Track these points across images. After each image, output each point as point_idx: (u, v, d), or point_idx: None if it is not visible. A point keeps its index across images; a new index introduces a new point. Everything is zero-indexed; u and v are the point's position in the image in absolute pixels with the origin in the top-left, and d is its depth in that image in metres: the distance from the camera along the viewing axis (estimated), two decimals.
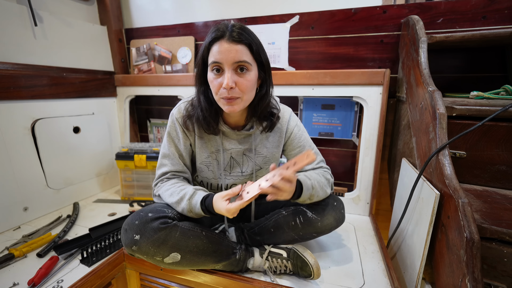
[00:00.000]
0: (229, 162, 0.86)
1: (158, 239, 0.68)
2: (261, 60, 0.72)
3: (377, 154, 1.17)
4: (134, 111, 1.69)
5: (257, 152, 0.86)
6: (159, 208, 0.74)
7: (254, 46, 0.69)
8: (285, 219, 0.83)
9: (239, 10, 1.35)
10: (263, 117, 0.81)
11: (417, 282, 0.73)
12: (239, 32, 0.67)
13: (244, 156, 0.86)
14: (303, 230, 0.82)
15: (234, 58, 0.66)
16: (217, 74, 0.69)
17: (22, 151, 1.11)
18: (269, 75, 0.76)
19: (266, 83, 0.76)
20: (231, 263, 0.79)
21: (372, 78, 1.13)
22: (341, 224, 0.85)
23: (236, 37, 0.66)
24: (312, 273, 0.77)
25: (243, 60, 0.67)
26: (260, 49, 0.72)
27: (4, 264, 0.85)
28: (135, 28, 1.57)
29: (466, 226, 0.55)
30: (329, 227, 0.83)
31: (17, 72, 1.09)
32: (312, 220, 0.81)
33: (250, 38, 0.69)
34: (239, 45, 0.67)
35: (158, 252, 0.69)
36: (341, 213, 0.85)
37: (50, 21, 1.22)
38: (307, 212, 0.82)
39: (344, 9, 1.19)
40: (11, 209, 1.08)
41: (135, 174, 1.37)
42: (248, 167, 0.86)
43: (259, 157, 0.86)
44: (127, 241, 0.69)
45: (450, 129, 0.74)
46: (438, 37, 0.95)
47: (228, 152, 0.84)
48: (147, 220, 0.69)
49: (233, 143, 0.84)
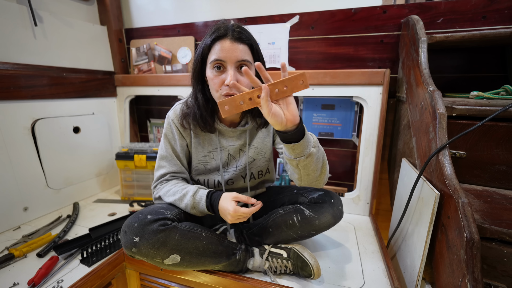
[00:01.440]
0: (226, 159, 0.87)
1: (158, 241, 0.68)
2: (259, 60, 0.75)
3: (377, 154, 1.17)
4: (134, 111, 1.69)
5: (251, 145, 0.87)
6: (158, 210, 0.73)
7: (254, 46, 0.73)
8: (282, 218, 0.83)
9: (239, 10, 1.35)
10: (257, 113, 0.83)
11: (417, 282, 0.73)
12: (240, 31, 0.71)
13: (240, 151, 0.87)
14: (301, 229, 0.82)
15: (237, 56, 0.69)
16: (218, 72, 0.71)
17: (22, 151, 1.11)
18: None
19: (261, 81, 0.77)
20: (231, 263, 0.79)
21: (372, 78, 1.13)
22: (339, 221, 0.85)
23: (238, 36, 0.70)
24: (312, 273, 0.77)
25: (245, 59, 0.70)
26: (259, 49, 0.76)
27: (4, 264, 0.85)
28: (135, 28, 1.57)
29: (466, 226, 0.55)
30: (327, 224, 0.83)
31: (17, 72, 1.09)
32: (310, 218, 0.81)
33: (250, 38, 0.73)
34: (241, 44, 0.70)
35: (158, 254, 0.69)
36: (339, 210, 0.84)
37: (50, 21, 1.22)
38: (304, 210, 0.82)
39: (344, 9, 1.19)
40: (11, 209, 1.08)
41: (135, 174, 1.37)
42: (242, 161, 0.88)
43: (252, 149, 0.88)
44: (126, 243, 0.68)
45: (450, 129, 0.74)
46: (438, 37, 0.95)
47: (226, 150, 0.86)
48: (146, 222, 0.69)
49: (230, 141, 0.85)
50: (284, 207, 0.85)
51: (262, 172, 0.92)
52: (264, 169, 0.92)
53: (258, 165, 0.90)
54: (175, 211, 0.77)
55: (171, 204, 0.79)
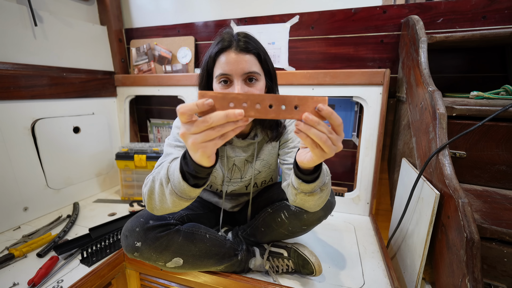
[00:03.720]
0: (231, 169, 0.84)
1: (160, 245, 0.67)
2: (268, 69, 0.70)
3: (377, 154, 1.17)
4: (134, 111, 1.69)
5: (258, 157, 0.84)
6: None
7: (262, 54, 0.67)
8: (271, 217, 0.82)
9: (239, 10, 1.35)
10: (268, 126, 0.78)
11: (417, 282, 0.73)
12: (245, 41, 0.65)
13: (246, 162, 0.84)
14: (290, 225, 0.79)
15: (243, 69, 0.63)
16: (225, 86, 0.65)
17: (22, 151, 1.11)
18: (276, 83, 0.74)
19: (273, 91, 0.74)
20: (233, 264, 0.79)
21: (372, 78, 1.13)
22: (330, 212, 0.78)
23: (243, 46, 0.64)
24: (314, 270, 0.78)
25: (252, 71, 0.64)
26: (267, 57, 0.70)
27: (4, 264, 0.85)
28: (135, 28, 1.56)
29: (466, 226, 0.55)
30: (317, 217, 0.76)
31: (17, 72, 1.09)
32: (297, 213, 0.76)
33: (257, 46, 0.67)
34: (247, 55, 0.64)
35: (160, 258, 0.69)
36: (328, 201, 0.75)
37: (50, 21, 1.22)
38: (290, 206, 0.77)
39: (344, 9, 1.19)
40: (11, 209, 1.08)
41: (135, 174, 1.37)
42: (248, 173, 0.85)
43: (258, 161, 0.84)
44: (128, 248, 0.67)
45: (450, 129, 0.74)
46: (438, 37, 0.95)
47: (231, 160, 0.82)
48: (148, 227, 0.67)
49: (237, 151, 0.82)
50: (272, 205, 0.83)
51: (265, 182, 0.90)
52: (268, 179, 0.90)
53: (263, 176, 0.88)
54: (178, 214, 0.76)
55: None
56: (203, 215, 0.90)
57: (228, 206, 0.94)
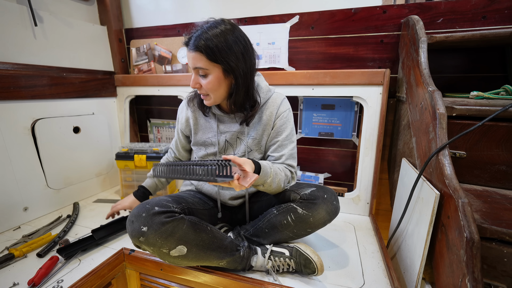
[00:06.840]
0: (223, 145, 0.91)
1: (166, 230, 0.69)
2: (226, 62, 0.75)
3: (377, 154, 1.17)
4: (134, 111, 1.69)
5: (248, 134, 0.90)
6: (165, 203, 0.74)
7: (209, 52, 0.73)
8: (277, 219, 0.83)
9: (239, 10, 1.35)
10: (242, 109, 0.86)
11: (417, 282, 0.73)
12: (196, 39, 0.74)
13: (237, 139, 0.91)
14: (296, 228, 0.82)
15: (193, 64, 0.77)
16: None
17: (22, 151, 1.11)
18: (240, 74, 0.78)
19: (238, 81, 0.79)
20: (235, 260, 0.79)
21: (372, 78, 1.13)
22: (335, 216, 0.83)
23: (191, 45, 0.75)
24: (316, 269, 0.78)
25: (198, 66, 0.76)
26: (222, 53, 0.74)
27: (4, 264, 0.85)
28: (135, 28, 1.56)
29: (466, 226, 0.55)
30: (322, 221, 0.81)
31: (17, 72, 1.09)
32: (304, 217, 0.80)
33: (207, 44, 0.73)
34: (193, 52, 0.75)
35: (165, 244, 0.70)
36: (333, 205, 0.81)
37: (50, 21, 1.22)
38: (297, 209, 0.81)
39: (344, 9, 1.19)
40: (11, 209, 1.08)
41: (135, 174, 1.37)
42: (240, 149, 0.90)
43: (249, 139, 0.90)
44: (134, 232, 0.69)
45: (450, 129, 0.74)
46: (438, 37, 0.95)
47: (223, 136, 0.91)
48: (154, 212, 0.70)
49: (227, 126, 0.90)
50: (278, 206, 0.85)
51: None
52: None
53: (257, 158, 0.91)
54: (181, 205, 0.79)
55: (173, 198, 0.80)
56: (203, 211, 0.90)
57: (228, 196, 0.94)
